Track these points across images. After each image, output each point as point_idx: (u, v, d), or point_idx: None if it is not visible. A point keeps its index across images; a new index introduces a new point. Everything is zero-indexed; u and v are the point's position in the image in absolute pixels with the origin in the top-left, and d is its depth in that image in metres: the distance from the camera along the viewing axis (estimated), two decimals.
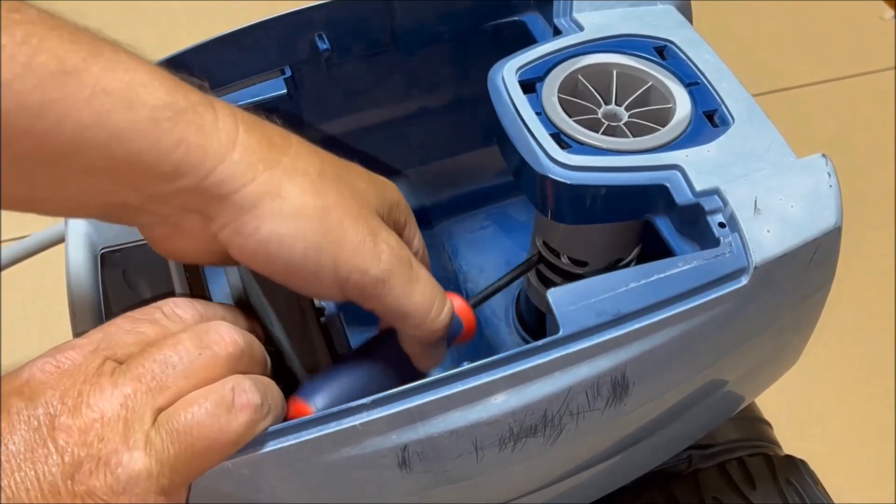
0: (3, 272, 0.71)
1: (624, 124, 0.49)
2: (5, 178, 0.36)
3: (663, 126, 0.48)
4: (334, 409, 0.39)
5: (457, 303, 0.46)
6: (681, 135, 0.47)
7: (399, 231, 0.45)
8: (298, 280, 0.40)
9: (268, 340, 0.54)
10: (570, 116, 0.48)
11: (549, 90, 0.49)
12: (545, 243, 0.55)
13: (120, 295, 0.56)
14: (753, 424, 0.66)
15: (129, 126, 0.36)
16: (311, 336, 0.54)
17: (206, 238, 0.40)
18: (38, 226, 0.70)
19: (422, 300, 0.42)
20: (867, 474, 0.77)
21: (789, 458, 0.63)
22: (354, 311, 0.65)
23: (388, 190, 0.45)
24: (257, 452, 0.38)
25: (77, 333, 0.50)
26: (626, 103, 0.50)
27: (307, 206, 0.39)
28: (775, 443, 0.66)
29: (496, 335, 0.65)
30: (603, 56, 0.51)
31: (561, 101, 0.49)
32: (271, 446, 0.38)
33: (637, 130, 0.48)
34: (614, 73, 0.50)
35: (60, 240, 0.66)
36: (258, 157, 0.39)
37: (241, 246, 0.39)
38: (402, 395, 0.39)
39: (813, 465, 0.63)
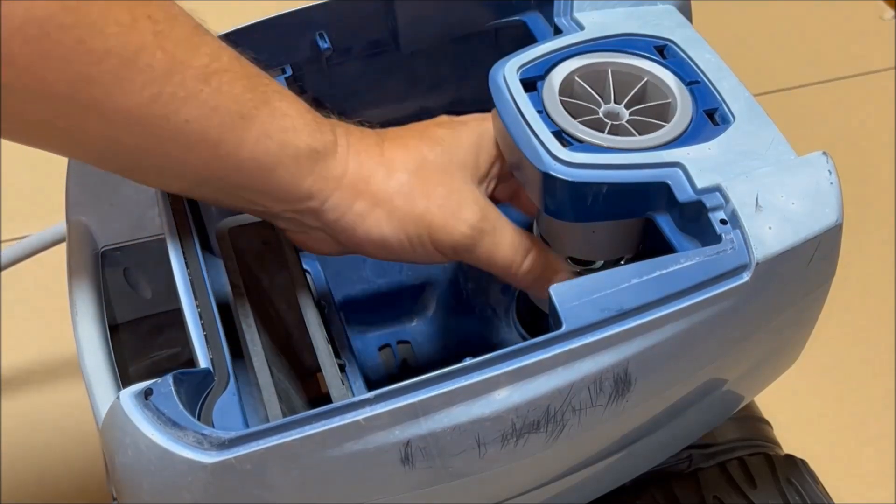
0: (4, 272, 0.71)
1: (627, 122, 0.49)
2: (189, 184, 0.47)
3: (665, 121, 0.48)
4: (336, 405, 0.39)
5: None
6: (682, 133, 0.48)
7: (487, 169, 0.52)
8: (404, 258, 0.51)
9: (271, 336, 0.54)
10: (571, 115, 0.48)
11: (551, 89, 0.49)
12: (545, 242, 0.55)
13: (121, 293, 0.56)
14: (753, 424, 0.66)
15: (279, 162, 0.46)
16: (312, 334, 0.54)
17: (333, 241, 0.51)
18: (38, 226, 0.70)
19: (504, 256, 0.51)
20: (867, 474, 0.77)
21: (789, 457, 0.63)
22: (354, 311, 0.66)
23: (468, 141, 0.51)
24: (260, 447, 0.38)
25: (78, 333, 0.50)
26: (626, 101, 0.50)
27: (399, 211, 0.49)
28: (775, 442, 0.66)
29: (496, 334, 0.65)
30: (598, 56, 0.51)
31: (563, 96, 0.49)
32: (274, 441, 0.38)
33: (641, 128, 0.48)
34: (609, 71, 0.51)
35: (61, 239, 0.67)
36: (361, 178, 0.49)
37: (357, 247, 0.51)
38: (404, 391, 0.39)
39: (812, 465, 0.63)
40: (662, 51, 0.52)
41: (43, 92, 0.40)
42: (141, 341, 0.57)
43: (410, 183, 0.49)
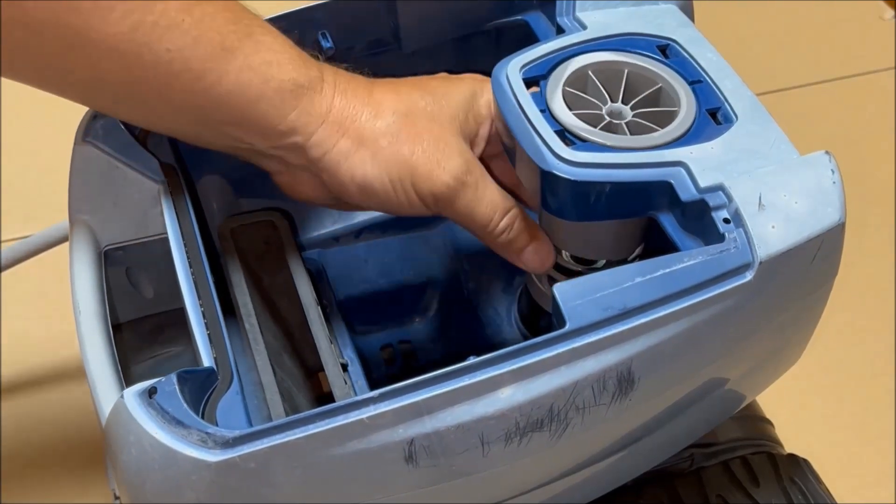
0: (6, 272, 0.71)
1: (629, 121, 0.49)
2: (173, 118, 0.48)
3: (664, 127, 0.48)
4: (340, 404, 0.39)
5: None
6: (685, 132, 0.48)
7: (476, 128, 0.52)
8: (387, 206, 0.51)
9: (275, 336, 0.54)
10: (574, 114, 0.48)
11: (554, 87, 0.49)
12: None
13: (123, 293, 0.56)
14: (755, 423, 0.66)
15: (262, 95, 0.47)
16: (314, 333, 0.54)
17: (317, 183, 0.51)
18: (39, 225, 0.70)
19: (483, 213, 0.50)
20: (868, 474, 0.78)
21: (792, 456, 0.63)
22: (357, 311, 0.66)
23: (461, 95, 0.52)
24: (264, 446, 0.38)
25: (81, 332, 0.50)
26: (633, 102, 0.50)
27: (384, 153, 0.49)
28: (777, 441, 0.66)
29: (498, 333, 0.65)
30: (614, 55, 0.51)
31: (565, 95, 0.49)
32: (278, 440, 0.38)
33: (644, 127, 0.48)
34: (625, 71, 0.51)
35: (64, 239, 0.67)
36: (347, 116, 0.49)
37: (341, 189, 0.50)
38: (409, 389, 0.39)
39: (814, 464, 0.63)
40: (665, 50, 0.52)
41: (26, 20, 0.41)
42: (143, 341, 0.57)
43: (397, 125, 0.49)
